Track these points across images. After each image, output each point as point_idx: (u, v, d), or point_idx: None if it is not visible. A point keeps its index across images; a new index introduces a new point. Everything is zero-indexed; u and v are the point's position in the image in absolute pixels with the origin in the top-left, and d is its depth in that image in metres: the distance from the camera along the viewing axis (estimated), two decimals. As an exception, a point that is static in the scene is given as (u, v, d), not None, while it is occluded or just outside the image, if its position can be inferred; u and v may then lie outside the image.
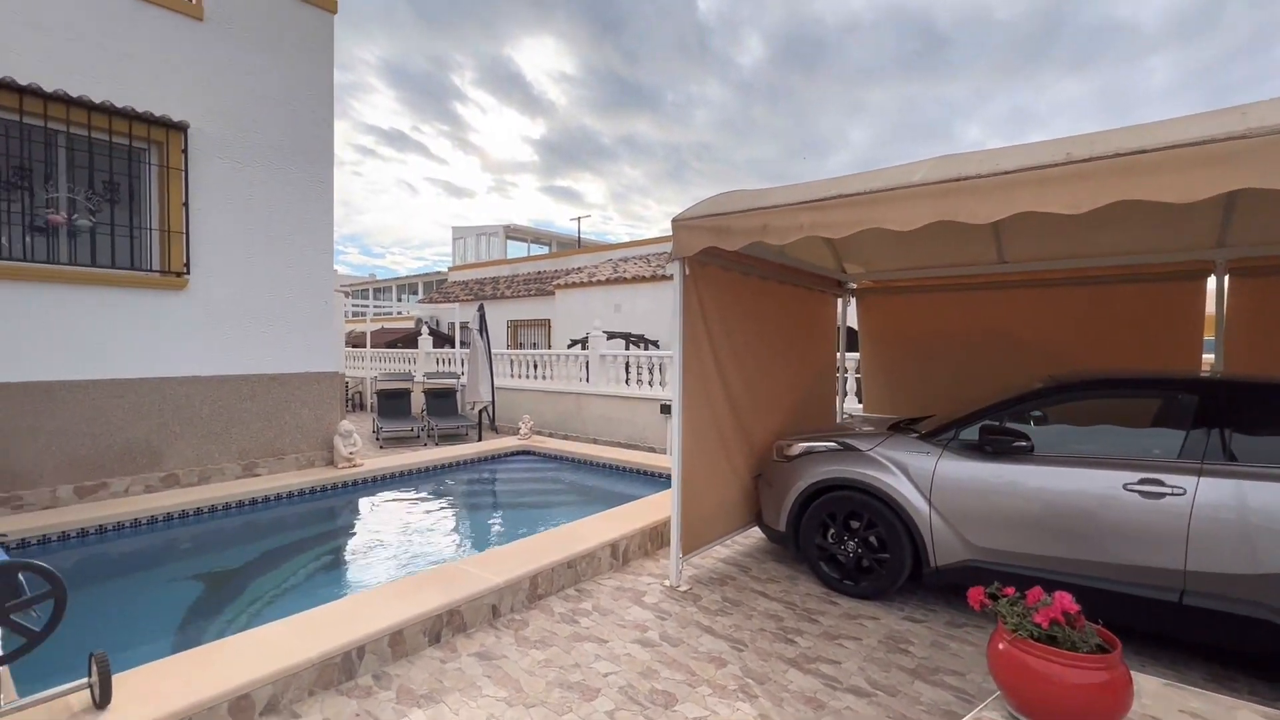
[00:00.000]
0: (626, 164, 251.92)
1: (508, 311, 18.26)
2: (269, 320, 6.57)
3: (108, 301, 5.47)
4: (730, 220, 3.76)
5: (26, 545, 4.68)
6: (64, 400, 5.25)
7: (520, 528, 5.86)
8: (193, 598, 4.24)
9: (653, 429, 9.28)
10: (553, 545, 4.29)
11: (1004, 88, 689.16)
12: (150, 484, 5.76)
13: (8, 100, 4.93)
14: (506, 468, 8.32)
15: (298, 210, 6.80)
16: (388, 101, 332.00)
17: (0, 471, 4.96)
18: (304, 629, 3.03)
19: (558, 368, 10.99)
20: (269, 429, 6.61)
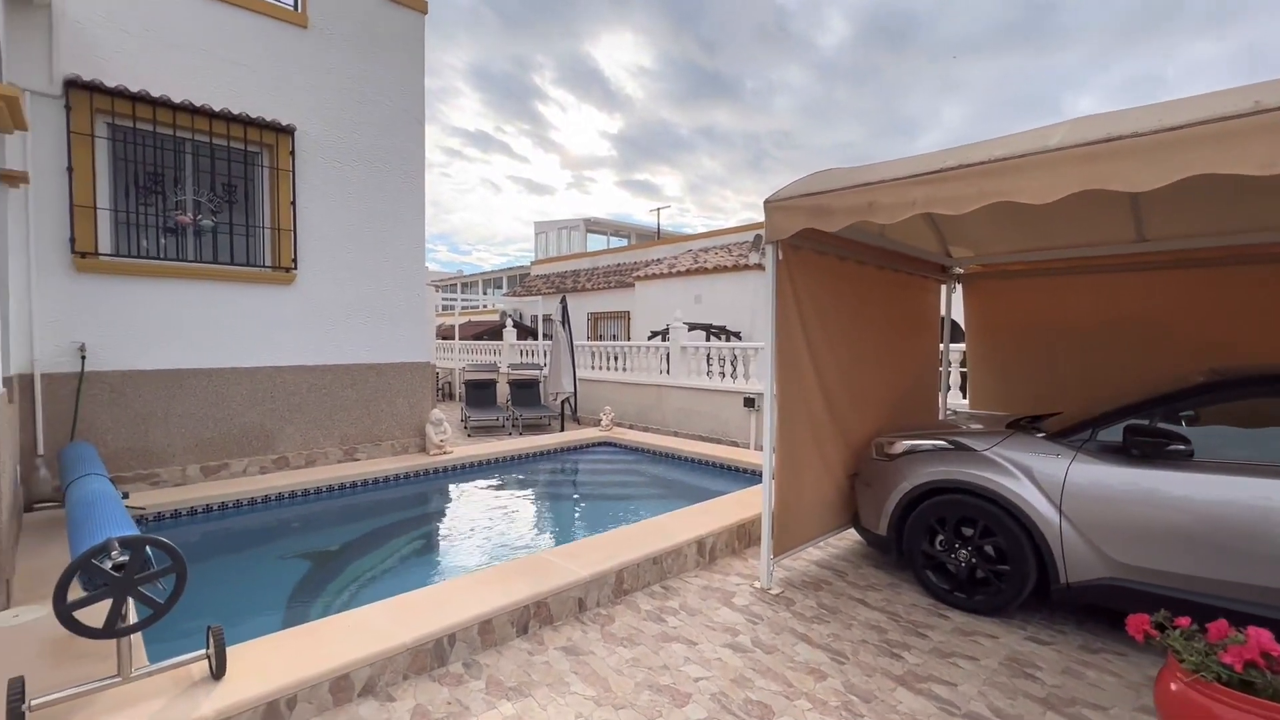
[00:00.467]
0: (704, 155, 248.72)
1: (588, 304, 18.46)
2: (366, 312, 6.88)
3: (227, 296, 5.90)
4: (830, 199, 3.48)
5: (161, 519, 5.12)
6: (191, 387, 5.72)
7: (603, 520, 5.83)
8: (299, 574, 4.48)
9: (735, 423, 9.03)
10: (638, 540, 4.19)
11: (1125, 53, 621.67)
12: (264, 465, 6.19)
13: (144, 112, 5.38)
14: (588, 458, 8.35)
15: (392, 207, 7.07)
16: (473, 104, 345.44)
17: (140, 450, 5.47)
18: (399, 612, 3.08)
19: (638, 359, 10.94)
20: (367, 416, 6.94)
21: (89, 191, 5.18)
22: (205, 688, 2.42)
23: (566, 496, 6.77)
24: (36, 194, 4.94)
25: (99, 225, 5.27)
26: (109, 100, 5.21)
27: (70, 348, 5.10)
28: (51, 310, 5.03)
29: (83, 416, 5.17)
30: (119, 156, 5.42)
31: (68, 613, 2.14)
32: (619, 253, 19.34)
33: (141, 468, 5.48)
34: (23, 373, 4.86)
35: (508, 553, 4.87)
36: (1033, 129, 3.01)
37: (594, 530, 5.48)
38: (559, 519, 5.93)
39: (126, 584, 2.24)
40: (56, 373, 5.05)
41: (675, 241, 17.24)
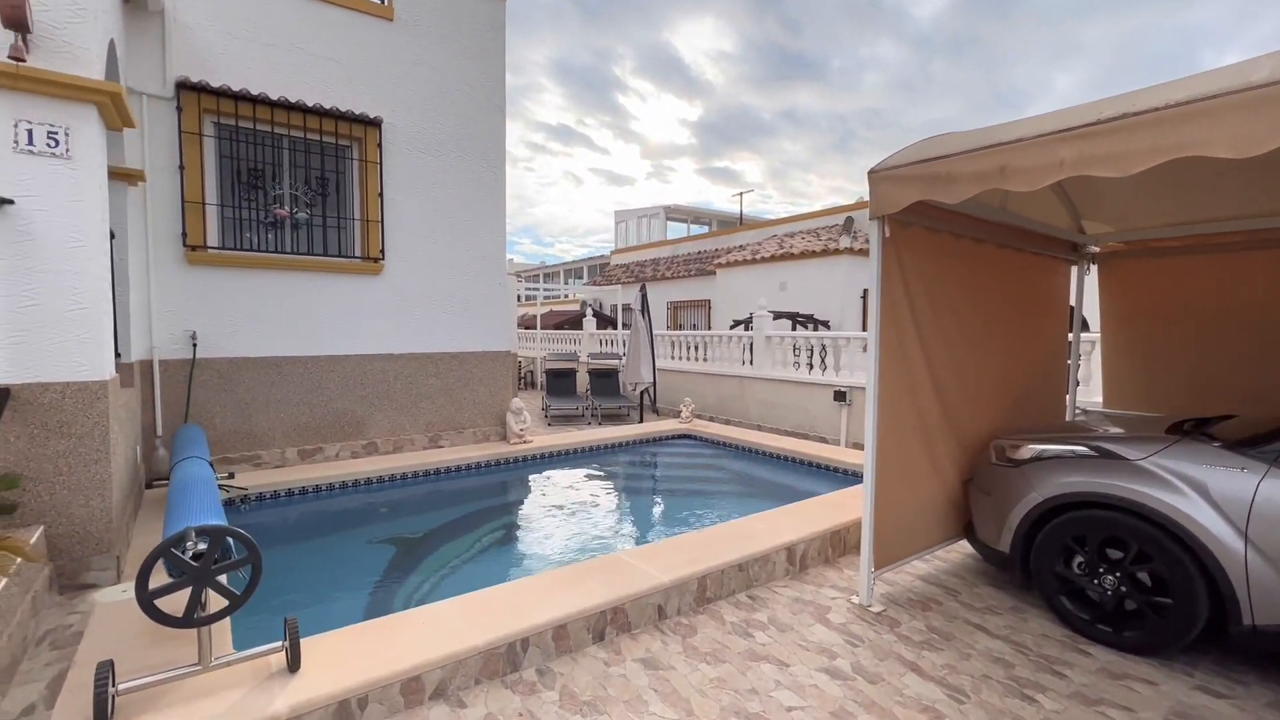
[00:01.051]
0: (787, 139, 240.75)
1: (668, 292, 18.19)
2: (449, 302, 6.95)
3: (321, 286, 6.10)
4: (952, 165, 3.00)
5: (262, 499, 5.37)
6: (289, 373, 5.97)
7: (683, 518, 5.57)
8: (385, 560, 4.52)
9: (824, 418, 8.49)
10: (721, 543, 3.89)
11: None
12: (355, 450, 6.39)
13: (245, 111, 5.61)
14: (668, 451, 8.11)
15: (474, 197, 7.08)
16: (555, 99, 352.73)
17: (244, 433, 5.77)
18: (473, 611, 2.97)
19: (719, 349, 10.56)
20: (451, 404, 7.03)
21: (198, 188, 5.47)
22: (281, 681, 2.38)
23: (645, 491, 6.57)
24: (153, 191, 5.27)
25: (207, 220, 5.56)
26: (214, 100, 5.47)
27: (183, 336, 5.43)
28: (167, 301, 5.37)
29: (195, 400, 5.50)
30: (224, 154, 5.70)
31: (149, 600, 2.13)
32: (699, 240, 18.90)
33: (246, 449, 5.79)
34: (144, 359, 5.21)
35: (583, 549, 4.71)
36: (1227, 65, 2.42)
37: (673, 529, 5.25)
38: (637, 515, 5.73)
39: (204, 574, 2.21)
40: (172, 359, 5.40)
41: (759, 227, 16.60)
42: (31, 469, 3.06)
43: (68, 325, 3.13)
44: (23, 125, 3.00)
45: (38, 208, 3.04)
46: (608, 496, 6.14)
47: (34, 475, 3.07)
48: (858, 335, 8.37)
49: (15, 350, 3.02)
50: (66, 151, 3.11)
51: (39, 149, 3.04)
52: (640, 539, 4.96)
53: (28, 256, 3.03)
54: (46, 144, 3.05)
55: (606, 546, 4.71)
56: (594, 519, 5.40)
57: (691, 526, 5.20)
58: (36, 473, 3.07)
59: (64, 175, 3.10)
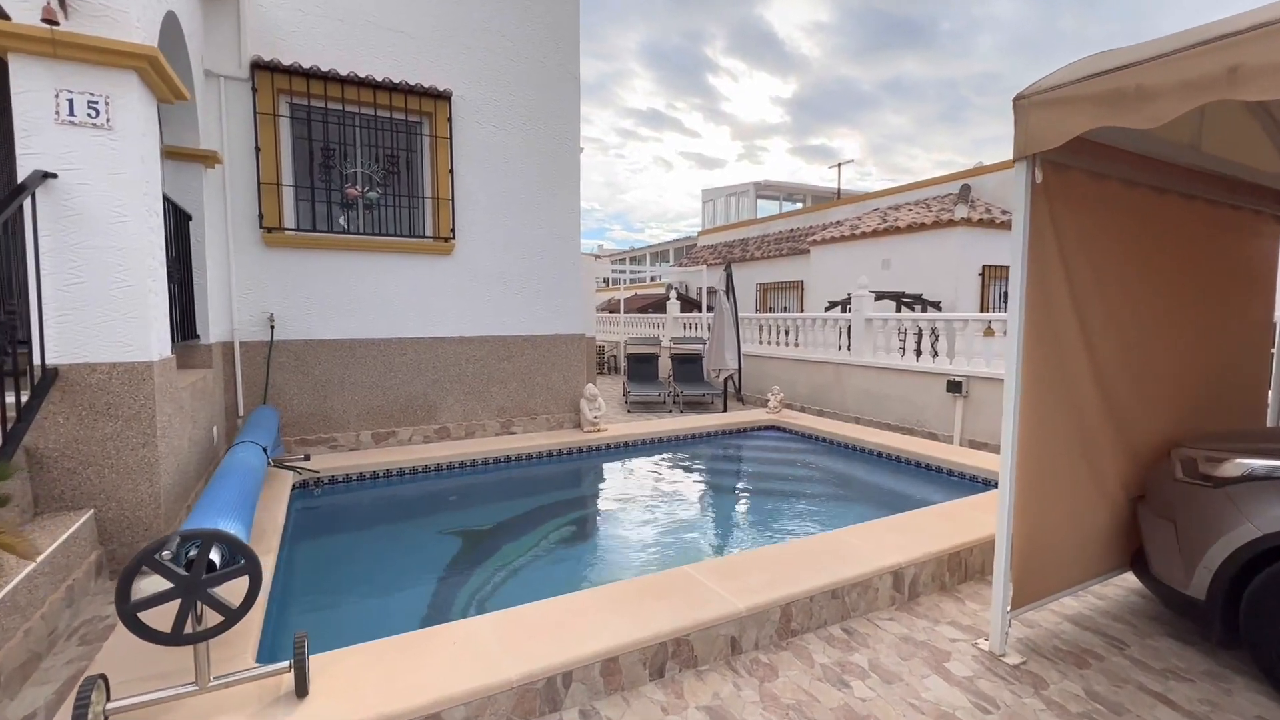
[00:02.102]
0: (889, 111, 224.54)
1: (756, 274, 17.24)
2: (521, 283, 6.66)
3: (392, 267, 5.98)
4: (1147, 74, 2.17)
5: (335, 482, 5.33)
6: (361, 356, 5.90)
7: (766, 524, 4.94)
8: (452, 552, 4.30)
9: (934, 410, 7.47)
10: (811, 561, 3.26)
11: None
12: (427, 435, 6.28)
13: (317, 89, 5.52)
14: (753, 445, 7.45)
15: (547, 172, 6.72)
16: (646, 84, 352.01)
17: (320, 416, 5.77)
18: (510, 633, 2.56)
19: (813, 334, 9.68)
20: (523, 389, 6.77)
21: (273, 169, 5.45)
22: (284, 709, 2.07)
23: (725, 490, 5.96)
24: (232, 174, 5.29)
25: (283, 202, 5.55)
26: (287, 79, 5.41)
27: (261, 317, 5.47)
28: (246, 283, 5.41)
29: (273, 382, 5.54)
30: (298, 135, 5.66)
31: (131, 613, 1.86)
32: (792, 217, 17.71)
33: (322, 432, 5.79)
34: (225, 341, 5.28)
35: (650, 557, 4.23)
36: None
37: (755, 538, 4.64)
38: (713, 520, 5.15)
39: (194, 585, 1.92)
40: (251, 341, 5.45)
41: (858, 200, 15.23)
42: (81, 452, 2.99)
43: (113, 304, 3.02)
44: (64, 95, 2.89)
45: (79, 181, 2.93)
46: (682, 496, 5.61)
47: (83, 458, 2.99)
48: (977, 317, 7.26)
49: (62, 329, 2.94)
50: (107, 121, 2.97)
51: (80, 119, 2.92)
52: (715, 548, 4.39)
53: (72, 233, 2.93)
54: (87, 114, 2.93)
55: (676, 555, 4.19)
56: (665, 521, 4.90)
57: (776, 537, 4.57)
58: (85, 456, 3.00)
59: (105, 147, 2.97)
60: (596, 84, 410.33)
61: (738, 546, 4.46)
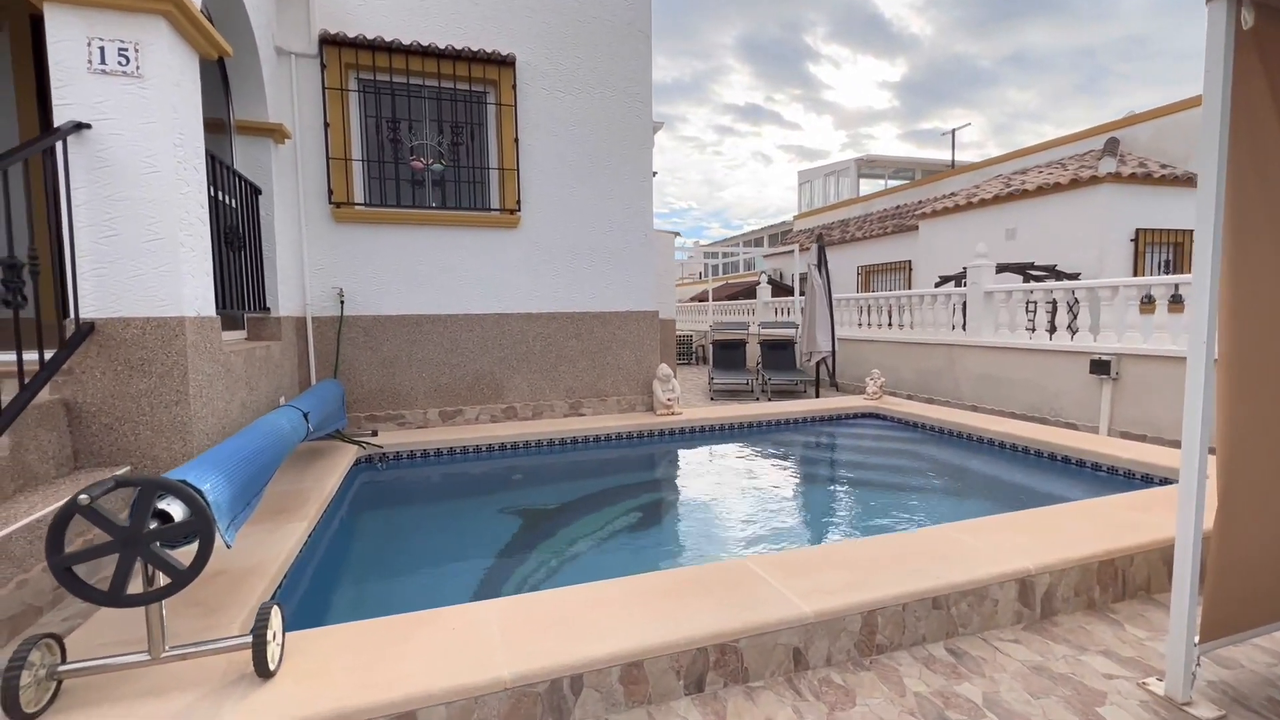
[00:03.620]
0: (1012, 87, 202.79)
1: (857, 256, 15.90)
2: (590, 256, 6.31)
3: (457, 241, 5.84)
4: None
5: (400, 458, 5.24)
6: (428, 332, 5.81)
7: (855, 517, 4.22)
8: (511, 531, 3.98)
9: (1073, 396, 6.28)
10: (905, 560, 2.59)
11: None
12: (494, 414, 6.09)
13: (382, 61, 5.47)
14: (847, 432, 6.64)
15: (616, 138, 6.33)
16: (743, 79, 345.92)
17: (389, 392, 5.74)
18: (516, 622, 2.14)
19: (920, 312, 8.60)
20: (593, 369, 6.42)
21: (341, 144, 5.46)
22: (240, 691, 1.78)
23: (810, 480, 5.24)
24: (303, 150, 5.35)
25: (351, 177, 5.55)
26: (354, 53, 5.40)
27: (332, 293, 5.50)
28: (318, 258, 5.46)
29: (343, 357, 5.56)
30: (367, 112, 5.65)
31: (61, 566, 1.63)
32: (898, 193, 16.14)
33: (391, 408, 5.76)
34: (298, 315, 5.35)
35: (715, 548, 3.69)
36: None
37: (840, 533, 3.96)
38: (792, 511, 4.48)
39: (133, 539, 1.66)
40: (322, 316, 5.49)
41: (975, 168, 13.54)
42: (117, 408, 2.94)
43: (145, 257, 2.96)
44: (95, 43, 2.84)
45: (111, 131, 2.88)
46: (761, 485, 4.97)
47: (120, 414, 2.95)
48: (1131, 282, 5.99)
49: (99, 283, 2.90)
50: (137, 69, 2.90)
51: (111, 68, 2.86)
52: (785, 542, 3.74)
53: (106, 184, 2.88)
54: (118, 61, 2.87)
55: (736, 548, 3.62)
56: (737, 512, 4.32)
57: (863, 531, 3.86)
58: (122, 412, 2.95)
59: (136, 95, 2.90)
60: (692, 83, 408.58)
61: (816, 539, 3.80)
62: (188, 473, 2.01)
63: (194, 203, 3.22)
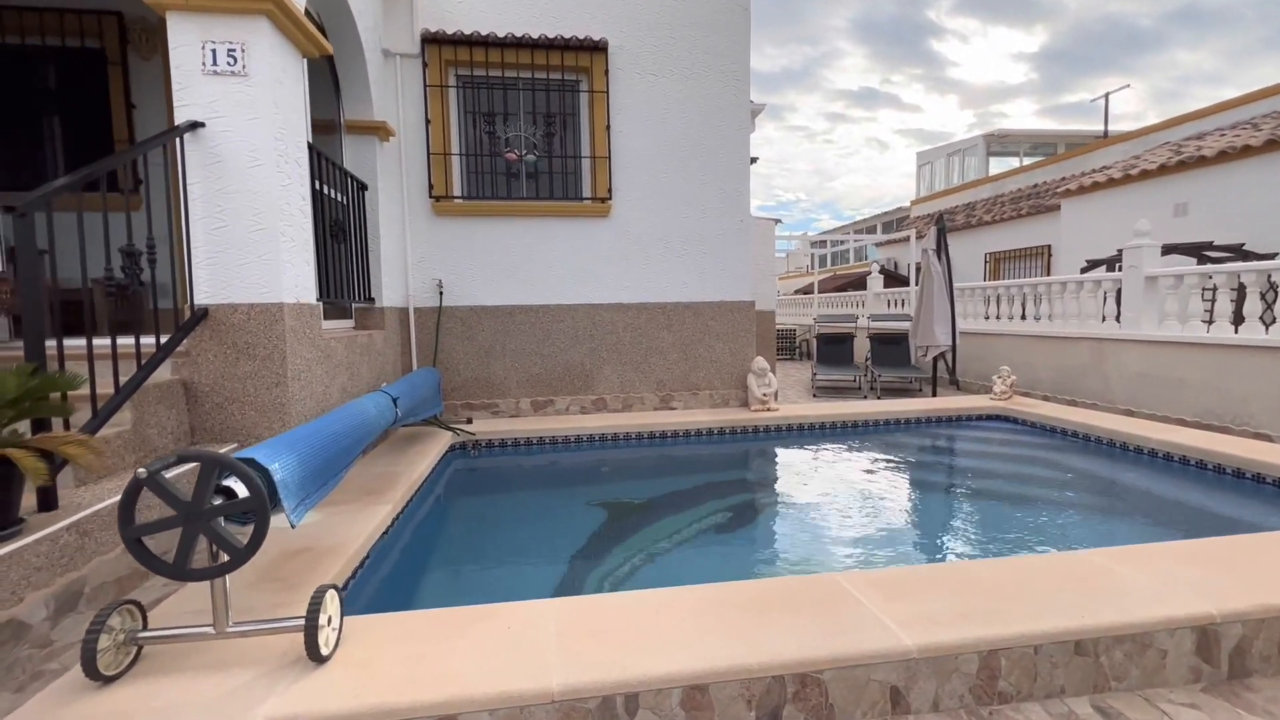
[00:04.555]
0: (1181, 47, 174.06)
1: (985, 242, 14.33)
2: (682, 245, 6.09)
3: (548, 231, 5.84)
4: None
5: (491, 446, 5.32)
6: (520, 322, 5.87)
7: (973, 534, 3.67)
8: (596, 525, 3.86)
9: (1266, 401, 5.18)
10: (1039, 589, 2.14)
11: None
12: (584, 405, 6.05)
13: (479, 56, 5.57)
14: (969, 436, 5.92)
15: (711, 122, 6.04)
16: (857, 62, 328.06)
17: (484, 381, 5.87)
18: (577, 625, 1.98)
19: (1062, 302, 7.53)
20: (684, 361, 6.20)
21: (440, 139, 5.62)
22: (294, 672, 1.75)
23: (921, 488, 4.65)
24: (407, 147, 5.57)
25: (450, 170, 5.71)
26: (453, 50, 5.53)
27: (432, 284, 5.69)
28: (419, 250, 5.67)
29: (442, 347, 5.75)
30: (466, 108, 5.79)
31: (133, 537, 1.67)
32: (1035, 170, 14.32)
33: (486, 398, 5.88)
34: (401, 306, 5.59)
35: (806, 558, 3.34)
36: None
37: (954, 551, 3.45)
38: (895, 519, 3.97)
39: (195, 514, 1.68)
40: (423, 306, 5.70)
41: (1133, 138, 11.69)
42: (226, 388, 3.14)
43: (249, 246, 3.13)
44: (208, 46, 3.03)
45: (222, 129, 3.06)
46: (863, 490, 4.48)
47: (229, 395, 3.15)
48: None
49: (212, 271, 3.11)
50: (243, 69, 3.07)
51: (221, 68, 3.04)
52: (892, 558, 3.30)
53: (218, 179, 3.08)
54: (227, 62, 3.05)
55: (836, 560, 3.24)
56: (833, 516, 3.92)
57: (983, 552, 3.32)
58: (230, 392, 3.15)
59: (242, 93, 3.07)
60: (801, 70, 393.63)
61: (923, 558, 3.32)
62: (259, 451, 2.04)
63: (295, 195, 3.38)
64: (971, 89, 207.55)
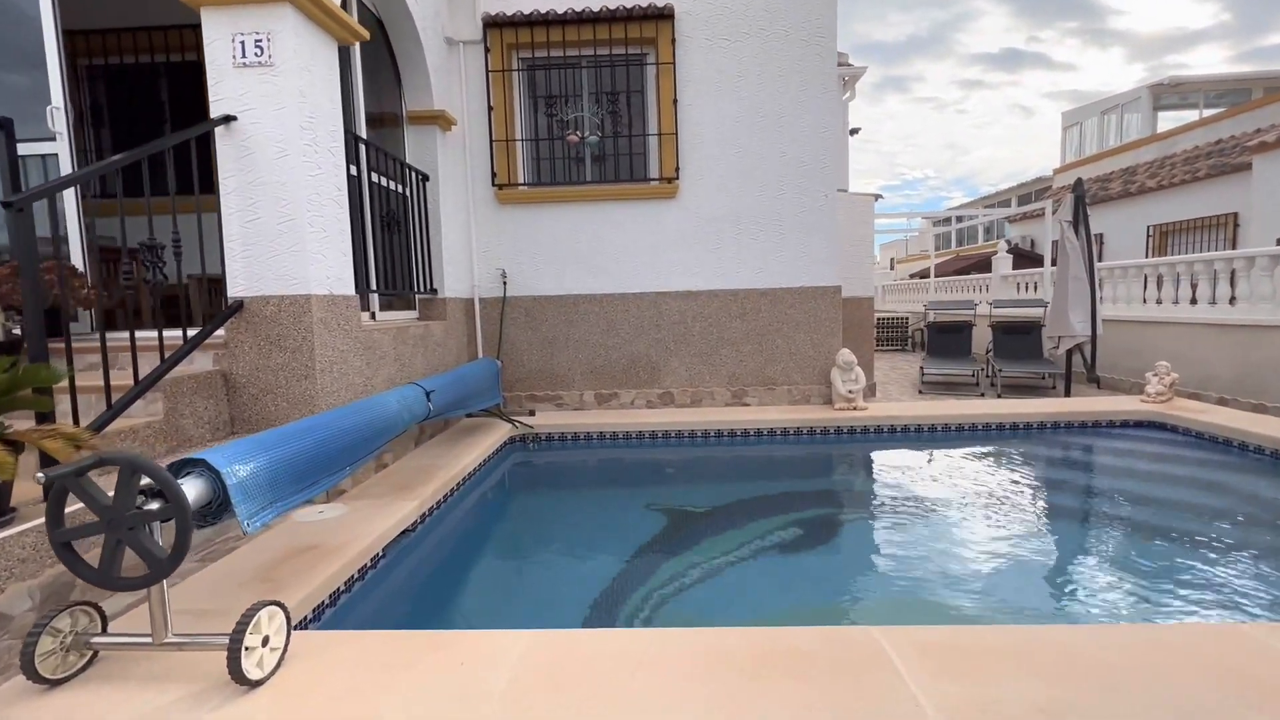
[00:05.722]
0: None
1: (1149, 212, 12.05)
2: (757, 226, 5.55)
3: (611, 216, 5.56)
4: None
5: (551, 440, 5.18)
6: (585, 312, 5.65)
7: (1086, 585, 2.88)
8: (652, 532, 3.49)
9: None
10: (1165, 674, 1.53)
11: None
12: (650, 399, 5.73)
13: (540, 36, 5.38)
14: (1109, 448, 4.88)
15: (790, 89, 5.43)
16: (997, 21, 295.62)
17: (548, 373, 5.73)
18: (538, 661, 1.68)
19: (1246, 281, 6.05)
20: (759, 353, 5.68)
21: (503, 126, 5.51)
22: (222, 696, 1.61)
23: (1024, 510, 3.73)
24: (471, 135, 5.52)
25: (514, 157, 5.60)
26: (514, 32, 5.39)
27: (496, 274, 5.63)
28: (483, 240, 5.62)
29: (506, 337, 5.68)
30: (530, 92, 5.64)
31: (60, 542, 1.59)
32: (1218, 122, 11.74)
33: (549, 389, 5.75)
34: (466, 297, 5.58)
35: (852, 592, 2.80)
36: None
37: (1039, 604, 2.68)
38: (977, 554, 3.17)
39: (117, 520, 1.57)
40: (488, 297, 5.66)
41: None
42: (260, 380, 3.18)
43: (278, 238, 3.12)
44: (238, 39, 3.04)
45: (252, 121, 3.07)
46: (946, 512, 3.70)
47: (264, 386, 3.19)
48: None
49: (247, 264, 3.14)
50: (270, 58, 3.05)
51: (249, 60, 3.04)
52: (967, 605, 2.62)
53: (249, 171, 3.10)
54: (254, 52, 3.04)
55: (884, 603, 2.67)
56: (908, 545, 3.30)
57: (1094, 611, 2.55)
58: (264, 384, 3.19)
59: (268, 83, 3.06)
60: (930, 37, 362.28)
61: (1010, 612, 2.58)
62: (216, 453, 1.93)
63: (328, 185, 3.34)
64: (1140, 39, 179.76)
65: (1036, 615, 2.52)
